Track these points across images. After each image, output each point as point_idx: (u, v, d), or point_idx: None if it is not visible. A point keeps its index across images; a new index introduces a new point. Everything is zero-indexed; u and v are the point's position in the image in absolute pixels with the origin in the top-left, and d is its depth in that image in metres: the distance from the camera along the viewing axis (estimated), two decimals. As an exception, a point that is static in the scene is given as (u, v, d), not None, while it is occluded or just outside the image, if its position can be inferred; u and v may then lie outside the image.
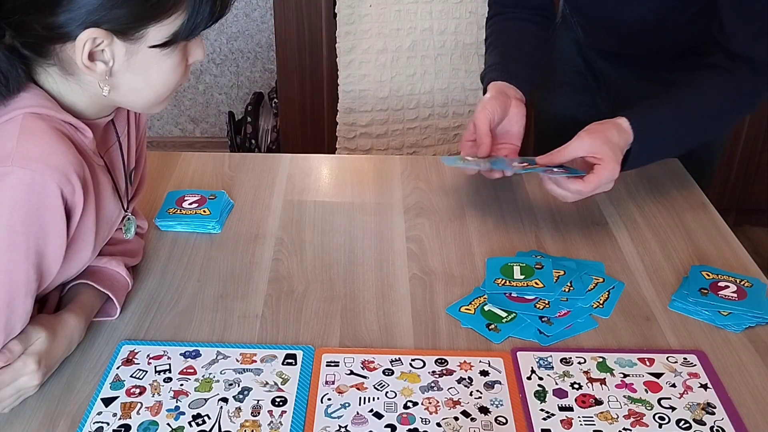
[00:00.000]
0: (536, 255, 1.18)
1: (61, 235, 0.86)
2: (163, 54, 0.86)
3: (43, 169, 0.81)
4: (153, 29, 0.84)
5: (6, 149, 0.81)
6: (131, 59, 0.85)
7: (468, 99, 2.10)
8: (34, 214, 0.82)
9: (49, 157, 0.82)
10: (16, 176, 0.80)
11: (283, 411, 0.89)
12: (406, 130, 2.12)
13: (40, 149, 0.82)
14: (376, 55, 2.02)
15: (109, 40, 0.82)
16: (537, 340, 1.01)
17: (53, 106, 0.87)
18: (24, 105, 0.84)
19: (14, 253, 0.83)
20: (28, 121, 0.83)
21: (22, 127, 0.82)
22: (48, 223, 0.84)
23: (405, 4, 2.00)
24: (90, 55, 0.83)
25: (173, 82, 0.91)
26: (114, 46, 0.84)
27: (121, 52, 0.84)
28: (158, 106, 0.94)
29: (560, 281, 1.09)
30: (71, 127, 0.88)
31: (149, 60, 0.86)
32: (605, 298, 1.09)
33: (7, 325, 0.85)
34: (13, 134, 0.82)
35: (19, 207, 0.81)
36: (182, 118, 3.14)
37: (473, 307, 1.06)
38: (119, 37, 0.83)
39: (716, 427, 0.88)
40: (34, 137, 0.82)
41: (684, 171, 1.43)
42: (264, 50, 2.98)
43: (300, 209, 1.30)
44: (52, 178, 0.82)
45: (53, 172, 0.82)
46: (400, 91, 2.06)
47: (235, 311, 1.06)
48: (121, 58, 0.85)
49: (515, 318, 1.04)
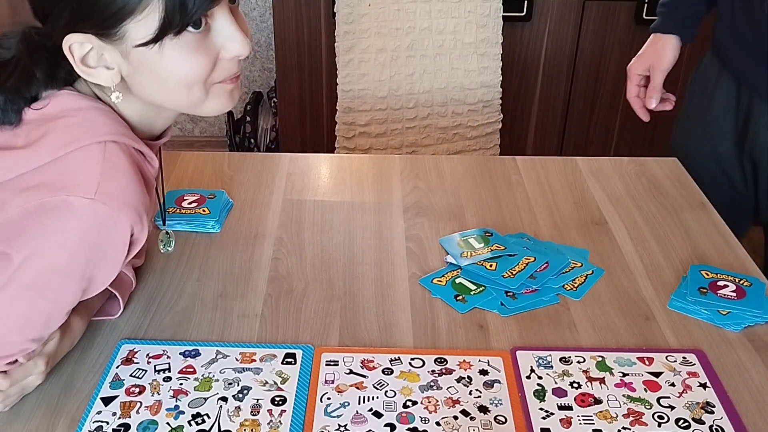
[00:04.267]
0: (523, 237, 1.22)
1: (117, 267, 0.88)
2: (162, 51, 0.81)
3: (121, 208, 0.82)
4: (131, 26, 0.79)
5: (90, 179, 0.81)
6: (130, 61, 0.83)
7: (467, 98, 2.10)
8: (100, 248, 0.84)
9: (129, 196, 0.83)
10: (94, 209, 0.81)
11: (282, 410, 0.89)
12: (405, 130, 2.12)
13: (121, 187, 0.83)
14: (375, 54, 2.02)
15: (95, 44, 0.81)
16: (498, 311, 1.05)
17: (128, 133, 0.87)
18: (105, 132, 0.85)
19: (69, 278, 0.84)
20: (111, 152, 0.84)
21: (106, 160, 0.83)
22: (110, 257, 0.85)
23: (404, 4, 2.00)
24: (84, 61, 0.83)
25: (188, 77, 0.84)
26: (105, 50, 0.82)
27: (114, 55, 0.82)
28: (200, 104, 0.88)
29: (524, 252, 1.15)
30: (142, 156, 0.89)
31: (150, 59, 0.82)
32: (581, 282, 1.11)
33: (40, 338, 0.88)
34: (97, 164, 0.82)
35: (89, 238, 0.82)
36: (181, 117, 3.14)
37: (445, 279, 1.11)
38: (102, 39, 0.81)
39: (715, 426, 0.88)
40: (117, 173, 0.83)
41: (683, 170, 1.43)
42: (263, 50, 2.98)
43: (299, 208, 1.30)
44: (127, 218, 0.83)
45: (130, 212, 0.83)
46: (399, 90, 2.06)
47: (234, 310, 1.06)
48: (118, 60, 0.83)
49: (483, 291, 1.08)
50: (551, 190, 1.37)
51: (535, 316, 1.05)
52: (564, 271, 1.13)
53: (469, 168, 1.44)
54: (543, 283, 1.10)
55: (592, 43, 2.32)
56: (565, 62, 2.35)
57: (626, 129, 2.47)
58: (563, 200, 1.33)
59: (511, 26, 2.22)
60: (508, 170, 1.43)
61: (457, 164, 1.45)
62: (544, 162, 1.46)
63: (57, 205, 0.80)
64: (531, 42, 2.32)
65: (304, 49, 2.30)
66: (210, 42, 0.84)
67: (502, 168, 1.44)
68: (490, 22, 2.05)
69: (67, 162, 0.82)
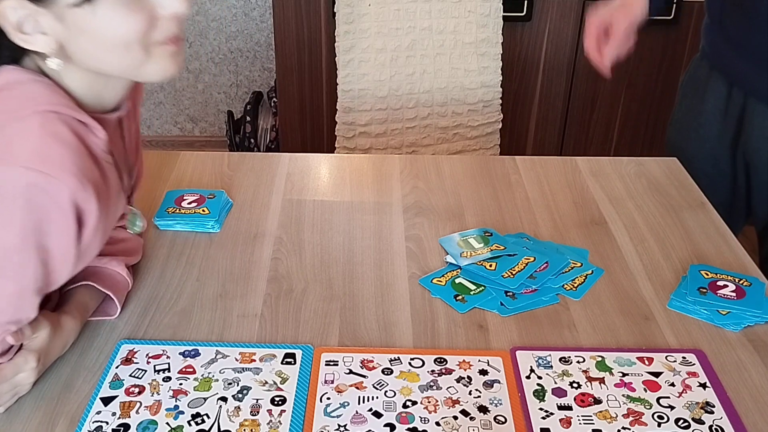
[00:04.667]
0: (523, 237, 1.22)
1: (71, 237, 0.85)
2: (95, 10, 0.80)
3: (58, 174, 0.80)
4: None
5: (26, 150, 0.80)
6: (66, 25, 0.81)
7: (467, 98, 2.10)
8: (45, 216, 0.82)
9: (67, 163, 0.81)
10: (34, 179, 0.80)
11: (282, 410, 0.89)
12: (405, 130, 2.12)
13: (59, 155, 0.81)
14: (375, 54, 2.02)
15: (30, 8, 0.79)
16: (498, 311, 1.05)
17: (68, 102, 0.86)
18: (41, 101, 0.83)
19: (25, 252, 0.83)
20: (49, 122, 0.82)
21: (43, 128, 0.82)
22: (58, 225, 0.84)
23: (404, 3, 2.00)
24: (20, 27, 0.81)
25: (125, 35, 0.83)
26: (39, 14, 0.80)
27: (49, 18, 0.80)
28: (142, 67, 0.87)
29: (524, 252, 1.15)
30: (84, 127, 0.87)
31: (81, 20, 0.81)
32: (580, 282, 1.11)
33: (17, 321, 0.86)
34: (34, 134, 0.81)
35: (35, 209, 0.81)
36: (181, 117, 3.13)
37: (445, 279, 1.11)
38: (35, 2, 0.79)
39: (715, 426, 0.88)
40: (54, 141, 0.82)
41: (683, 170, 1.43)
42: (263, 49, 2.98)
43: (299, 208, 1.30)
44: (66, 183, 0.81)
45: (68, 178, 0.81)
46: (399, 90, 2.06)
47: (234, 310, 1.06)
48: (53, 25, 0.81)
49: (483, 291, 1.08)
50: (551, 190, 1.37)
51: (534, 316, 1.05)
52: (564, 271, 1.13)
53: (469, 168, 1.44)
54: (543, 283, 1.10)
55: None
56: (565, 62, 2.35)
57: (626, 129, 2.47)
58: (563, 200, 1.33)
59: (511, 26, 2.22)
60: (508, 170, 1.43)
61: (456, 164, 1.45)
62: (543, 162, 1.46)
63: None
64: (531, 42, 2.32)
65: (304, 49, 2.30)
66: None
67: (501, 168, 1.44)
68: (490, 21, 2.05)
69: (3, 134, 0.81)
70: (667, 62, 2.34)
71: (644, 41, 1.52)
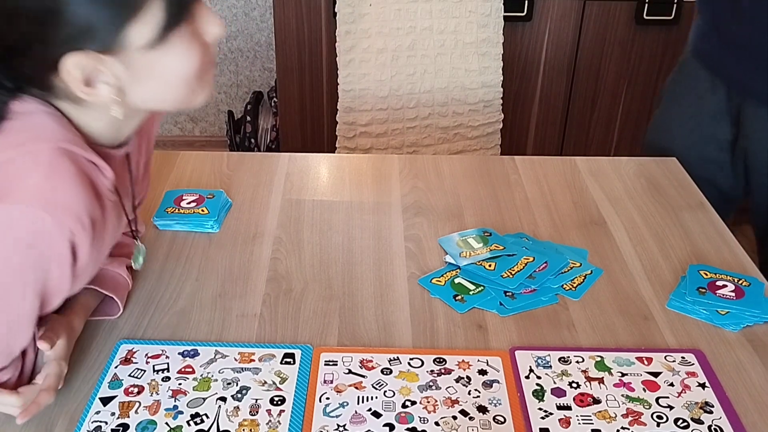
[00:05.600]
0: (522, 237, 1.22)
1: (67, 273, 0.83)
2: (161, 51, 0.78)
3: (62, 215, 0.78)
4: (133, 31, 0.75)
5: (33, 187, 0.77)
6: (131, 70, 0.78)
7: (468, 98, 2.10)
8: (46, 255, 0.80)
9: (71, 204, 0.79)
10: (36, 216, 0.77)
11: (281, 410, 0.89)
12: (406, 130, 2.12)
13: (64, 195, 0.78)
14: (375, 54, 2.02)
15: (97, 60, 0.76)
16: (497, 311, 1.05)
17: (79, 142, 0.82)
18: (51, 137, 0.79)
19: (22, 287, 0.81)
20: (57, 159, 0.78)
21: (51, 165, 0.78)
22: (55, 263, 0.81)
23: (404, 3, 1.99)
24: (87, 81, 0.77)
25: (191, 70, 0.81)
26: (106, 64, 0.76)
27: (118, 69, 0.77)
28: (194, 97, 0.85)
29: (524, 252, 1.15)
30: (93, 166, 0.84)
31: (150, 62, 0.78)
32: (580, 282, 1.11)
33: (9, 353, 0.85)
34: (43, 171, 0.77)
35: (35, 246, 0.79)
36: (181, 117, 3.13)
37: (444, 279, 1.11)
38: (104, 53, 0.75)
39: (714, 426, 0.88)
40: (60, 179, 0.78)
41: (682, 170, 1.43)
42: (263, 49, 2.98)
43: (298, 208, 1.30)
44: (68, 224, 0.79)
45: (71, 218, 0.79)
46: (400, 90, 2.06)
47: (233, 310, 1.06)
48: (120, 73, 0.78)
49: (482, 291, 1.09)
50: (550, 190, 1.37)
51: (534, 316, 1.05)
52: (563, 271, 1.13)
53: (468, 168, 1.44)
54: (542, 283, 1.10)
55: (592, 43, 2.32)
56: (565, 62, 2.35)
57: (626, 129, 2.46)
58: (562, 200, 1.33)
59: (512, 26, 2.22)
60: (507, 170, 1.43)
61: (456, 164, 1.45)
62: (543, 162, 1.46)
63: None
64: (531, 42, 2.32)
65: (304, 49, 2.29)
66: (195, 29, 0.81)
67: (501, 168, 1.44)
68: (491, 21, 2.05)
69: (7, 167, 0.78)
70: (667, 62, 2.34)
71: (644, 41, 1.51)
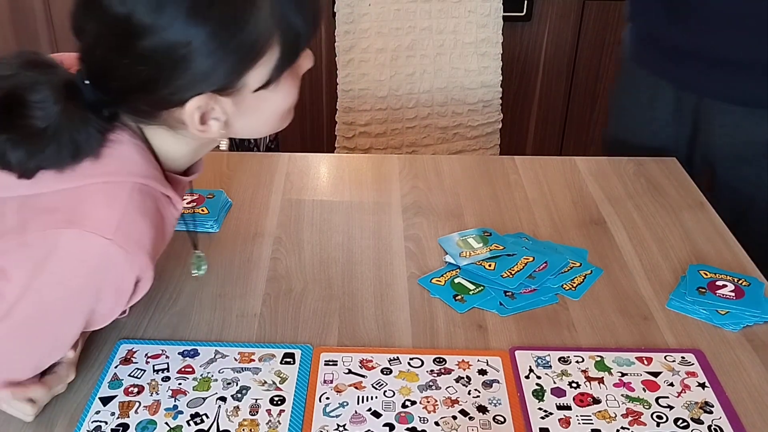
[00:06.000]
0: (522, 237, 1.22)
1: (120, 306, 0.87)
2: (276, 87, 0.83)
3: (135, 252, 0.81)
4: (252, 75, 0.80)
5: (110, 219, 0.79)
6: (239, 106, 0.83)
7: (467, 98, 2.10)
8: (111, 286, 0.83)
9: (145, 241, 0.82)
10: (107, 249, 0.79)
11: (281, 410, 0.89)
12: (405, 130, 2.12)
13: (139, 232, 0.81)
14: (375, 54, 2.02)
15: (214, 101, 0.80)
16: (497, 311, 1.05)
17: (159, 176, 0.85)
18: (135, 171, 0.83)
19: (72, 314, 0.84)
20: (137, 194, 0.82)
21: (131, 201, 0.81)
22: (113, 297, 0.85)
23: (404, 3, 1.99)
24: (202, 119, 0.81)
25: (288, 105, 0.88)
26: (220, 104, 0.81)
27: (228, 106, 0.82)
28: (283, 125, 0.92)
29: (524, 252, 1.15)
30: (167, 199, 0.87)
31: (258, 101, 0.83)
32: (579, 281, 1.11)
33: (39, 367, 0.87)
34: (122, 205, 0.80)
35: (100, 277, 0.81)
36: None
37: (444, 279, 1.11)
38: (222, 94, 0.80)
39: (714, 426, 0.88)
40: (138, 216, 0.81)
41: (682, 170, 1.43)
42: (263, 49, 2.98)
43: (298, 208, 1.30)
44: (139, 263, 0.82)
45: (142, 257, 0.82)
46: (400, 90, 2.06)
47: (233, 310, 1.06)
48: (230, 110, 0.82)
49: (482, 291, 1.09)
50: (550, 189, 1.37)
51: (533, 315, 1.05)
52: (563, 270, 1.13)
53: (468, 168, 1.44)
54: (542, 282, 1.10)
55: (592, 43, 2.32)
56: (564, 62, 2.35)
57: (626, 129, 2.46)
58: (562, 200, 1.33)
59: (511, 26, 2.22)
60: (507, 170, 1.43)
61: (455, 164, 1.45)
62: (542, 162, 1.46)
63: (71, 237, 0.78)
64: (531, 42, 2.32)
65: (303, 49, 2.29)
66: (295, 65, 0.85)
67: (500, 168, 1.44)
68: (490, 21, 2.05)
69: (90, 193, 0.80)
70: (666, 62, 2.33)
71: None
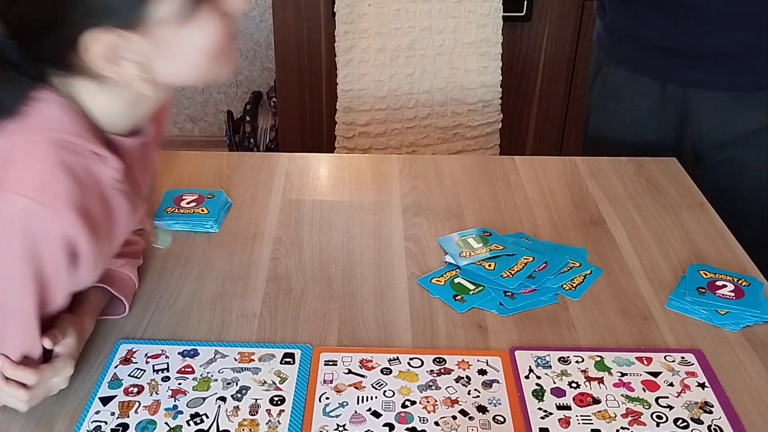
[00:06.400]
0: (522, 237, 1.22)
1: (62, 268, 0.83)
2: (185, 25, 0.77)
3: (56, 208, 0.78)
4: (156, 7, 0.74)
5: (29, 177, 0.77)
6: (155, 46, 0.77)
7: (467, 98, 2.10)
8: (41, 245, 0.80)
9: (71, 198, 0.79)
10: (30, 207, 0.77)
11: (281, 410, 0.89)
12: (405, 130, 2.12)
13: (61, 186, 0.78)
14: (374, 54, 2.02)
15: (120, 37, 0.75)
16: (497, 311, 1.05)
17: (84, 133, 0.81)
18: (57, 128, 0.79)
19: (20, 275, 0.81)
20: (60, 152, 0.79)
21: (54, 157, 0.78)
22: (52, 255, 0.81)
23: (404, 4, 1.99)
24: (110, 59, 0.76)
25: (213, 44, 0.80)
26: (130, 41, 0.75)
27: (141, 44, 0.76)
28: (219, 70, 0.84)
29: (523, 252, 1.16)
30: (97, 157, 0.83)
31: (173, 38, 0.77)
32: (579, 281, 1.11)
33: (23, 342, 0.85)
34: (40, 162, 0.78)
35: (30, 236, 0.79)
36: (181, 117, 3.13)
37: (444, 279, 1.11)
38: (127, 29, 0.75)
39: (714, 426, 0.88)
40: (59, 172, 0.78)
41: (682, 170, 1.43)
42: (262, 49, 2.98)
43: (298, 208, 1.30)
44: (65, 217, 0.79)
45: (66, 213, 0.78)
46: (399, 90, 2.06)
47: (233, 310, 1.06)
48: (144, 49, 0.77)
49: (482, 291, 1.09)
50: (550, 189, 1.37)
51: (533, 315, 1.05)
52: (563, 270, 1.13)
53: (468, 168, 1.44)
54: (542, 282, 1.10)
55: (592, 42, 2.32)
56: (564, 62, 2.35)
57: (626, 129, 2.46)
58: (562, 200, 1.33)
59: (511, 26, 2.22)
60: (507, 170, 1.43)
61: (455, 164, 1.45)
62: (542, 162, 1.46)
63: None
64: (531, 42, 2.32)
65: (303, 49, 2.30)
66: (217, 2, 0.80)
67: (500, 168, 1.44)
68: (489, 21, 2.05)
69: (10, 153, 0.78)
70: (666, 62, 2.33)
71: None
